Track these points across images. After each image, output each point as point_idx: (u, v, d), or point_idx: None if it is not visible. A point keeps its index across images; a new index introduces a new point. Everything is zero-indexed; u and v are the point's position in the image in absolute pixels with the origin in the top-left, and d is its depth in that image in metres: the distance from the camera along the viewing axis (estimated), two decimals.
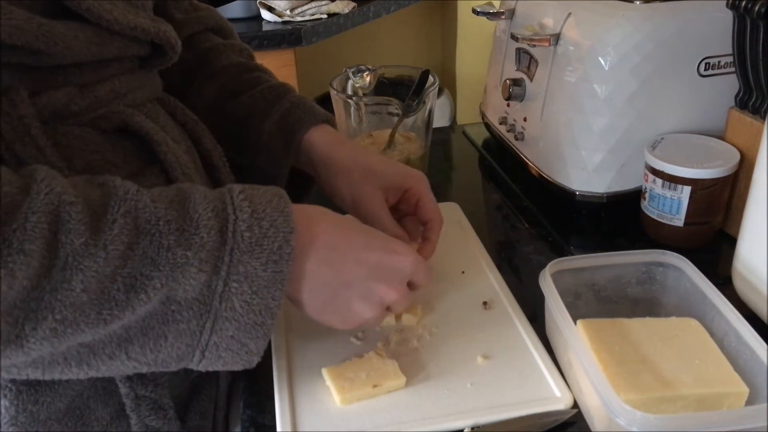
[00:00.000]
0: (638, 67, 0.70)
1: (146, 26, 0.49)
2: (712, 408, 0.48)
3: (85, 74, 0.48)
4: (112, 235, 0.39)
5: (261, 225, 0.43)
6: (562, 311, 0.52)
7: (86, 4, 0.45)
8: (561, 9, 0.76)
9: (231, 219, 0.43)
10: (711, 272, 0.56)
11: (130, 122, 0.50)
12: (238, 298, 0.43)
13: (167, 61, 0.55)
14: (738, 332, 0.51)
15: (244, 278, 0.43)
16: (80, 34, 0.45)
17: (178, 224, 0.42)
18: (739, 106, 0.69)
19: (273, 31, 1.48)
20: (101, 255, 0.39)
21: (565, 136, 0.76)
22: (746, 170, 0.66)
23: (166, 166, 0.51)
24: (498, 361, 0.55)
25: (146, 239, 0.41)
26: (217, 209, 0.43)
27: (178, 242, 0.41)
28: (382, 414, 0.50)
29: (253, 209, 0.44)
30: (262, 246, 0.43)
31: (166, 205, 0.42)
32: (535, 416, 0.49)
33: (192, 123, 0.58)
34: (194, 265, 0.41)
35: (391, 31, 2.13)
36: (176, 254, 0.41)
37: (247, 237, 0.43)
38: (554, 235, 0.75)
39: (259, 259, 0.43)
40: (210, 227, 0.42)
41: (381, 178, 0.61)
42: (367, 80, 0.86)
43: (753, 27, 0.63)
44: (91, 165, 0.48)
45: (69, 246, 0.38)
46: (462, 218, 0.77)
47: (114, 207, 0.40)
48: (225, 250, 0.42)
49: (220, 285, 0.42)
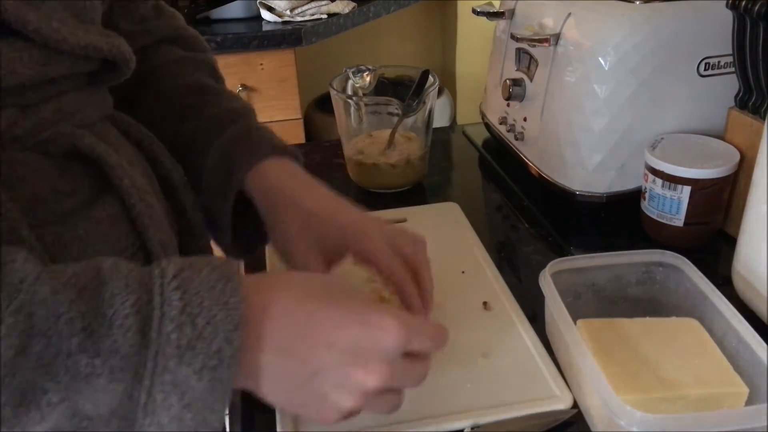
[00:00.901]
0: (638, 67, 0.70)
1: (98, 43, 0.44)
2: (712, 408, 0.48)
3: (28, 94, 0.42)
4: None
5: (194, 323, 0.35)
6: (562, 311, 0.52)
7: (33, 25, 0.40)
8: (561, 9, 0.76)
9: (156, 316, 0.35)
10: (711, 272, 0.56)
11: (79, 144, 0.44)
12: (166, 412, 0.35)
13: (120, 77, 0.49)
14: (738, 332, 0.51)
15: (171, 388, 0.35)
16: (25, 54, 0.40)
17: (85, 323, 0.34)
18: (739, 106, 0.69)
19: (273, 31, 1.48)
20: None
21: (565, 136, 0.76)
22: (746, 170, 0.66)
23: (122, 193, 0.46)
24: (498, 361, 0.55)
25: (41, 342, 0.33)
26: (140, 303, 0.35)
27: (82, 347, 0.34)
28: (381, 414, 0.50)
29: (186, 303, 0.36)
30: (195, 349, 0.35)
31: (73, 297, 0.34)
32: (535, 416, 0.50)
33: (148, 140, 0.52)
34: (103, 375, 0.34)
35: (391, 31, 2.13)
36: (78, 362, 0.33)
37: (174, 339, 0.35)
38: (554, 235, 0.75)
39: (191, 365, 0.35)
40: (127, 328, 0.34)
41: (319, 236, 0.52)
42: (367, 80, 0.86)
43: (753, 27, 0.63)
44: (38, 195, 0.42)
45: None
46: (462, 218, 0.77)
47: (5, 302, 0.33)
48: (148, 354, 0.35)
49: (143, 396, 0.35)
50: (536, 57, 0.81)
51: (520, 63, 0.85)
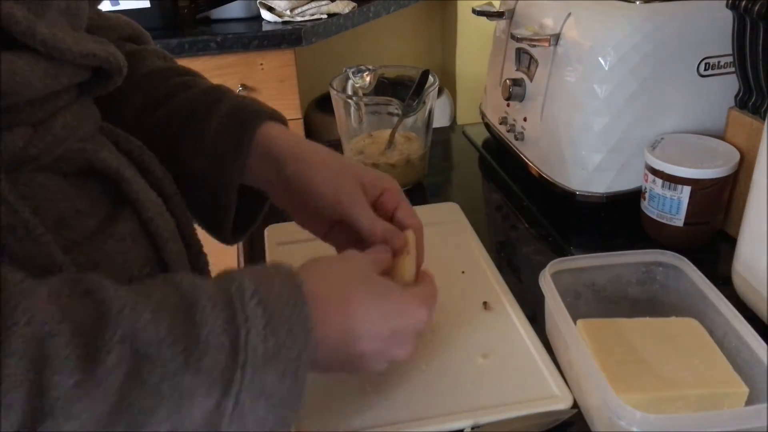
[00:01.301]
0: (638, 67, 0.70)
1: (97, 51, 0.44)
2: (712, 408, 0.48)
3: (37, 111, 0.41)
4: (107, 368, 0.33)
5: (277, 335, 0.38)
6: (562, 311, 0.52)
7: (41, 36, 0.39)
8: (561, 9, 0.76)
9: (243, 331, 0.38)
10: (711, 272, 0.56)
11: (94, 160, 0.44)
12: (252, 416, 0.38)
13: (111, 86, 0.47)
14: (738, 332, 0.51)
15: (258, 395, 0.38)
16: (36, 67, 0.40)
17: (185, 344, 0.36)
18: (739, 106, 0.69)
19: (273, 31, 1.48)
20: (97, 395, 0.33)
21: (565, 136, 0.76)
22: (746, 170, 0.66)
23: (138, 207, 0.46)
24: (498, 361, 0.55)
25: (147, 366, 0.35)
26: (228, 319, 0.38)
27: (185, 367, 0.36)
28: (382, 414, 0.50)
29: (269, 316, 0.39)
30: (278, 357, 0.38)
31: (169, 320, 0.36)
32: (535, 416, 0.50)
33: (138, 150, 0.51)
34: (202, 391, 0.36)
35: (391, 31, 2.13)
36: (182, 381, 0.35)
37: (260, 351, 0.38)
38: (554, 235, 0.75)
39: (276, 372, 0.38)
40: (221, 344, 0.37)
41: (358, 173, 0.56)
42: (367, 80, 0.86)
43: (753, 27, 0.63)
44: (63, 217, 0.42)
45: (58, 389, 0.32)
46: (462, 218, 0.77)
47: (110, 331, 0.34)
48: (236, 367, 0.37)
49: (230, 405, 0.37)
50: (536, 57, 0.81)
51: (520, 63, 0.85)
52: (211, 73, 1.59)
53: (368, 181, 0.56)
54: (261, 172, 0.56)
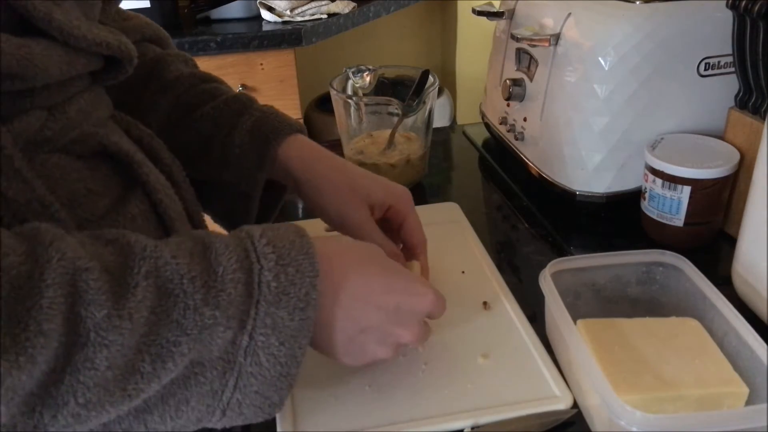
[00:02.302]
0: (638, 67, 0.70)
1: (110, 40, 0.45)
2: (712, 408, 0.48)
3: (53, 95, 0.43)
4: (135, 302, 0.35)
5: (287, 272, 0.41)
6: (562, 311, 0.52)
7: (57, 23, 0.40)
8: (561, 9, 0.76)
9: (256, 269, 0.40)
10: (711, 272, 0.56)
11: (106, 143, 0.46)
12: (265, 351, 0.40)
13: (122, 75, 0.49)
14: (738, 332, 0.51)
15: (271, 330, 0.40)
16: (53, 53, 0.41)
17: (203, 280, 0.38)
18: (739, 106, 0.69)
19: (273, 31, 1.48)
20: (126, 326, 0.35)
21: (565, 136, 0.76)
22: (746, 170, 0.66)
23: (148, 189, 0.48)
24: (498, 361, 0.55)
25: (170, 301, 0.37)
26: (241, 259, 0.40)
27: (204, 301, 0.38)
28: (381, 414, 0.50)
29: (278, 255, 0.41)
30: (289, 294, 0.41)
31: (188, 260, 0.39)
32: (535, 416, 0.49)
33: (148, 138, 0.53)
34: (222, 323, 0.38)
35: (391, 31, 2.13)
36: (204, 315, 0.38)
37: (273, 287, 0.40)
38: (554, 235, 0.75)
39: (286, 308, 0.40)
40: (236, 281, 0.39)
41: (367, 193, 0.59)
42: (367, 80, 0.86)
43: (753, 27, 0.63)
44: (76, 196, 0.44)
45: (90, 320, 0.34)
46: (462, 218, 0.77)
47: (134, 268, 0.36)
48: (251, 303, 0.40)
49: (245, 339, 0.40)
50: (536, 57, 0.81)
51: (520, 63, 0.85)
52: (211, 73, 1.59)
53: (376, 199, 0.59)
54: (282, 180, 0.62)
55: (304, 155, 0.60)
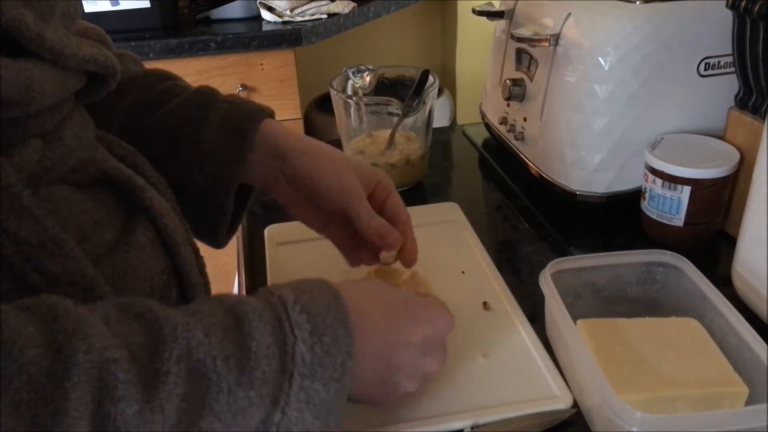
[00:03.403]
0: (638, 67, 0.70)
1: (97, 56, 0.42)
2: (712, 408, 0.48)
3: (45, 121, 0.40)
4: (167, 392, 0.33)
5: (322, 342, 0.39)
6: (562, 311, 0.52)
7: (49, 42, 0.37)
8: (561, 9, 0.76)
9: (290, 341, 0.38)
10: (711, 272, 0.56)
11: (107, 169, 0.43)
12: (298, 426, 0.39)
13: (104, 91, 0.45)
14: (738, 332, 0.51)
15: (305, 405, 0.38)
16: (47, 74, 0.38)
17: (237, 359, 0.36)
18: (739, 106, 0.69)
19: (273, 31, 1.48)
20: (158, 419, 0.32)
21: (565, 136, 0.76)
22: (746, 170, 0.66)
23: (152, 214, 0.46)
24: (498, 361, 0.55)
25: (203, 385, 0.35)
26: (275, 331, 0.38)
27: (238, 382, 0.36)
28: (382, 414, 0.50)
29: (313, 324, 0.39)
30: (324, 365, 0.39)
31: (221, 337, 0.36)
32: (535, 416, 0.49)
33: (132, 156, 0.50)
34: (256, 403, 0.36)
35: (391, 31, 2.13)
36: (238, 397, 0.36)
37: (308, 360, 0.38)
38: (554, 235, 0.75)
39: (321, 380, 0.38)
40: (270, 357, 0.37)
41: (357, 165, 0.57)
42: (367, 80, 0.86)
43: (753, 27, 0.63)
44: (83, 230, 0.41)
45: (120, 418, 0.31)
46: (462, 218, 0.77)
47: (164, 353, 0.33)
48: (284, 378, 0.37)
49: (278, 415, 0.38)
50: (536, 57, 0.81)
51: (520, 63, 0.85)
52: (211, 73, 1.60)
53: (364, 175, 0.58)
54: (264, 166, 0.57)
55: (288, 130, 0.58)
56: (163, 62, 1.40)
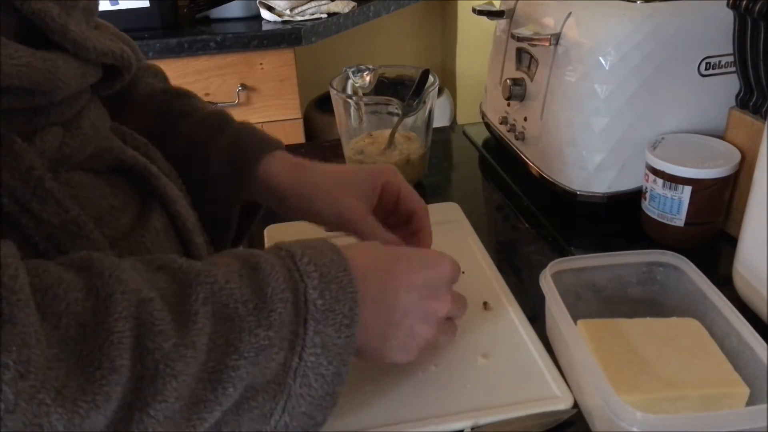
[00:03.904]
0: (639, 67, 0.70)
1: (114, 49, 0.44)
2: (713, 408, 0.48)
3: (65, 110, 0.42)
4: (197, 330, 0.35)
5: (330, 290, 0.41)
6: (563, 311, 0.52)
7: (72, 34, 0.39)
8: (561, 9, 0.76)
9: (301, 287, 0.40)
10: (711, 272, 0.56)
11: (124, 157, 0.46)
12: (314, 371, 0.40)
13: (119, 84, 0.48)
14: (738, 332, 0.50)
15: (320, 350, 0.40)
16: (70, 65, 0.40)
17: (254, 303, 0.38)
18: (739, 105, 0.69)
19: (273, 30, 1.48)
20: (191, 354, 0.35)
21: (566, 136, 0.76)
22: (747, 170, 0.66)
23: (166, 201, 0.48)
24: (498, 361, 0.55)
25: (226, 325, 0.37)
26: (287, 279, 0.40)
27: (258, 323, 0.38)
28: (381, 414, 0.50)
29: (321, 273, 0.41)
30: (335, 311, 0.41)
31: (239, 283, 0.39)
32: (535, 416, 0.49)
33: (144, 147, 0.52)
34: (275, 345, 0.39)
35: (391, 31, 2.13)
36: (259, 336, 0.38)
37: (320, 305, 0.40)
38: (554, 235, 0.75)
39: (333, 325, 0.41)
40: (285, 300, 0.39)
41: (359, 186, 0.59)
42: (367, 80, 0.86)
43: (754, 27, 0.63)
44: (101, 214, 0.43)
45: (158, 351, 0.33)
46: (462, 218, 0.77)
47: (191, 295, 0.36)
48: (299, 322, 0.40)
49: (296, 361, 0.40)
50: (536, 57, 0.80)
51: (520, 63, 0.85)
52: (210, 73, 1.60)
53: (367, 188, 0.59)
54: (263, 199, 0.61)
55: (285, 168, 0.59)
56: (163, 62, 1.40)
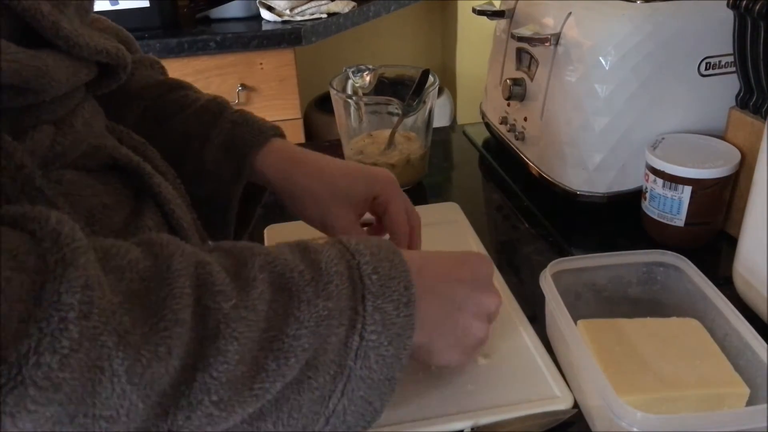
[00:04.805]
0: (639, 67, 0.70)
1: (109, 47, 0.43)
2: (713, 408, 0.48)
3: (57, 109, 0.42)
4: (257, 294, 0.35)
5: (383, 266, 0.41)
6: (563, 311, 0.52)
7: (64, 32, 0.39)
8: (561, 8, 0.76)
9: (354, 264, 0.40)
10: (711, 272, 0.56)
11: (117, 156, 0.45)
12: (375, 352, 0.40)
13: (115, 83, 0.47)
14: (738, 332, 0.50)
15: (381, 327, 0.40)
16: (61, 63, 0.40)
17: (311, 274, 0.39)
18: (739, 105, 0.69)
19: (273, 30, 1.48)
20: (252, 317, 0.35)
21: (566, 136, 0.75)
22: (747, 170, 0.66)
23: (159, 200, 0.48)
24: (498, 361, 0.55)
25: (285, 295, 0.37)
26: (339, 256, 0.40)
27: (316, 293, 0.38)
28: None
29: (371, 252, 0.41)
30: (391, 288, 0.41)
31: (292, 257, 0.39)
32: (536, 416, 0.49)
33: (141, 146, 0.52)
34: (335, 317, 0.38)
35: (391, 31, 2.13)
36: (318, 306, 0.38)
37: (375, 279, 0.40)
38: (554, 235, 0.75)
39: (392, 301, 0.40)
40: (341, 274, 0.39)
41: (347, 194, 0.58)
42: (367, 80, 0.86)
43: (754, 26, 0.63)
44: (92, 212, 0.43)
45: (219, 311, 0.34)
46: (462, 218, 0.77)
47: (248, 264, 0.37)
48: (357, 297, 0.39)
49: (356, 340, 0.39)
50: (537, 57, 0.80)
51: (520, 63, 0.85)
52: (210, 73, 1.60)
53: (359, 196, 0.59)
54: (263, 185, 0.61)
55: (280, 164, 0.59)
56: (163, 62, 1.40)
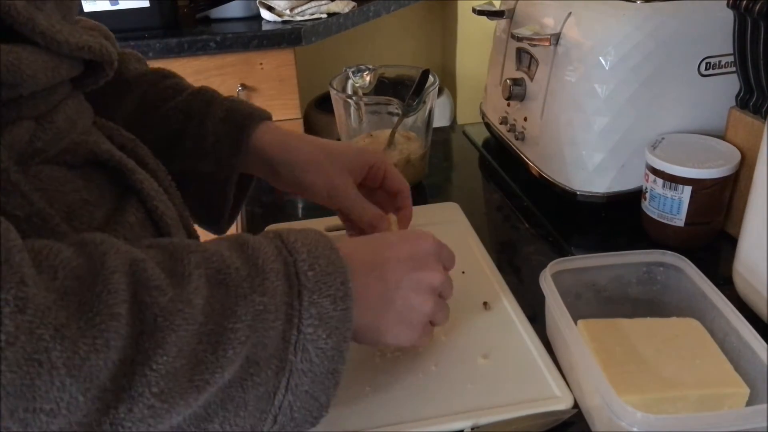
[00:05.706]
0: (639, 67, 0.70)
1: (92, 44, 0.43)
2: (713, 408, 0.48)
3: (39, 104, 0.42)
4: (192, 289, 0.36)
5: (319, 263, 0.42)
6: (563, 311, 0.52)
7: (40, 27, 0.39)
8: (561, 8, 0.76)
9: (290, 261, 0.41)
10: (711, 272, 0.56)
11: (98, 152, 0.46)
12: (313, 344, 0.41)
13: (102, 80, 0.47)
14: (738, 332, 0.50)
15: (318, 321, 0.41)
16: (38, 58, 0.40)
17: (247, 271, 0.40)
18: (739, 105, 0.69)
19: (273, 30, 1.48)
20: (189, 311, 0.36)
21: (566, 136, 0.75)
22: (747, 170, 0.66)
23: (143, 196, 0.48)
24: (498, 361, 0.55)
25: (221, 290, 0.38)
26: (276, 252, 0.42)
27: (252, 288, 0.39)
28: (381, 414, 0.50)
29: (308, 249, 0.42)
30: (327, 283, 0.42)
31: (229, 253, 0.40)
32: (536, 416, 0.49)
33: (131, 143, 0.52)
34: (271, 312, 0.39)
35: (391, 31, 2.13)
36: (254, 301, 0.39)
37: (311, 276, 0.41)
38: (554, 235, 0.75)
39: (327, 297, 0.41)
40: (277, 271, 0.40)
41: (348, 160, 0.61)
42: (367, 80, 0.86)
43: (754, 26, 0.63)
44: (73, 208, 0.43)
45: (155, 306, 0.35)
46: (462, 218, 0.77)
47: (183, 260, 0.38)
48: (293, 294, 0.41)
49: (294, 334, 0.40)
50: (537, 57, 0.80)
51: (520, 63, 0.85)
52: (210, 73, 1.60)
53: (355, 164, 0.62)
54: (257, 169, 0.63)
55: (277, 139, 0.61)
56: (163, 62, 1.40)
